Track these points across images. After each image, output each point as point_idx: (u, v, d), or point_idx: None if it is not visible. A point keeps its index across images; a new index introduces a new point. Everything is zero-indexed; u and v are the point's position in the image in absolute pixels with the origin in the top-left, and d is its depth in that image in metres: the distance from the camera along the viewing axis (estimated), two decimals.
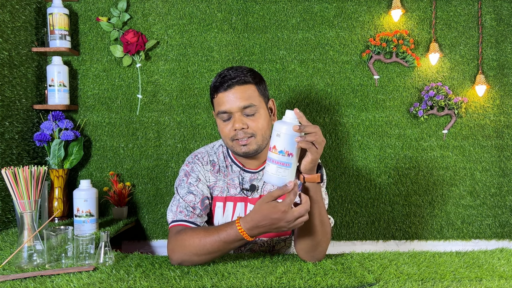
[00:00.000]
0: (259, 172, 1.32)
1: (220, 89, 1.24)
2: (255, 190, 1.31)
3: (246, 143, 1.23)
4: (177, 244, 1.13)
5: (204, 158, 1.33)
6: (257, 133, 1.23)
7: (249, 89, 1.24)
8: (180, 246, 1.12)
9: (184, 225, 1.20)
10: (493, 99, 2.14)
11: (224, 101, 1.23)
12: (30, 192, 1.23)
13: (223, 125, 1.25)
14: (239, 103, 1.22)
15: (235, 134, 1.23)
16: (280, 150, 0.98)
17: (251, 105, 1.22)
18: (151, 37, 2.08)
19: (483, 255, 1.20)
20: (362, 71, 2.12)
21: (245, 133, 1.22)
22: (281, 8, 2.10)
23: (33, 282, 0.98)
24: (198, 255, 1.10)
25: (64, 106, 1.98)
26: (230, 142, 1.25)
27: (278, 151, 0.98)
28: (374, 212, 2.13)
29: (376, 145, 2.13)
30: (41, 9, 2.02)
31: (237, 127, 1.21)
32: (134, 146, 2.10)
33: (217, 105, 1.26)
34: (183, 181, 1.29)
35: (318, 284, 0.97)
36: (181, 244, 1.12)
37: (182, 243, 1.12)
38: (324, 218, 1.12)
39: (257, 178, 1.31)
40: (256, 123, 1.23)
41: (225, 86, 1.23)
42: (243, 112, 1.22)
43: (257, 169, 1.32)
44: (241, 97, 1.22)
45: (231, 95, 1.22)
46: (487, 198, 2.15)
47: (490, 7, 2.13)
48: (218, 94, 1.24)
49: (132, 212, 2.11)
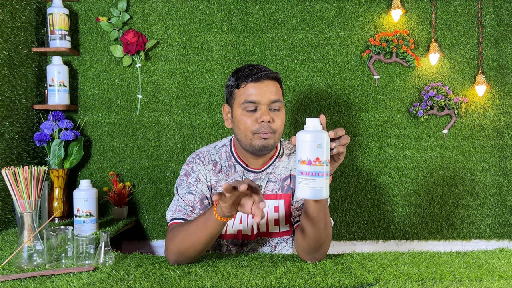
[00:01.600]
0: (262, 172, 1.31)
1: (249, 79, 1.22)
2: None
3: (267, 137, 1.22)
4: (170, 239, 1.13)
5: (205, 158, 1.32)
6: (278, 131, 1.24)
7: (276, 85, 1.25)
8: (171, 240, 1.12)
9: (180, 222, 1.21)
10: (493, 99, 2.14)
11: (254, 92, 1.21)
12: (30, 192, 1.23)
13: (247, 116, 1.22)
14: (270, 96, 1.21)
15: (259, 127, 1.21)
16: (324, 160, 0.91)
17: (279, 100, 1.23)
18: (151, 37, 2.08)
19: (483, 255, 1.20)
20: (362, 71, 2.12)
21: (270, 128, 1.21)
22: (281, 8, 2.10)
23: (33, 282, 0.98)
24: (185, 244, 1.09)
25: (64, 106, 1.98)
26: (250, 134, 1.22)
27: (323, 161, 0.91)
28: (374, 212, 2.13)
29: (376, 145, 2.13)
30: (41, 9, 2.02)
31: (265, 119, 1.20)
32: (134, 146, 2.10)
33: (243, 95, 1.23)
34: (183, 181, 1.29)
35: (318, 284, 0.96)
36: (172, 238, 1.13)
37: (173, 237, 1.13)
38: (328, 220, 1.12)
39: (261, 178, 1.31)
40: (280, 120, 1.23)
41: (257, 76, 1.21)
42: (270, 106, 1.22)
43: (260, 169, 1.31)
44: (272, 91, 1.22)
45: (263, 86, 1.21)
46: (487, 198, 2.15)
47: (490, 7, 2.13)
48: (248, 84, 1.22)
49: (132, 212, 2.11)
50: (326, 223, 1.10)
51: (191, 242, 1.09)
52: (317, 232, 1.09)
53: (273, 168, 1.32)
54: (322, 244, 1.12)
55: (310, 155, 0.91)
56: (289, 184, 1.32)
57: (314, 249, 1.13)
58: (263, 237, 1.33)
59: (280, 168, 1.33)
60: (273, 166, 1.32)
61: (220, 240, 1.32)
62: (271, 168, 1.32)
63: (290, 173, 1.33)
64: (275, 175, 1.32)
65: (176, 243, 1.11)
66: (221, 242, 1.33)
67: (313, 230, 1.10)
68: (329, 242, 1.15)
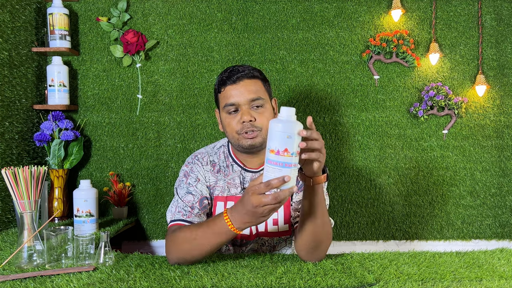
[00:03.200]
0: (259, 172, 1.32)
1: (228, 82, 1.24)
2: None
3: (253, 136, 1.23)
4: (172, 241, 1.13)
5: (204, 159, 1.33)
6: (263, 127, 1.24)
7: (256, 83, 1.25)
8: (174, 243, 1.12)
9: (181, 224, 1.20)
10: (493, 99, 2.14)
11: (232, 94, 1.23)
12: (30, 192, 1.23)
13: (230, 118, 1.25)
14: (248, 95, 1.23)
15: (242, 127, 1.23)
16: (293, 152, 0.90)
17: (259, 98, 1.23)
18: (151, 37, 2.08)
19: (483, 255, 1.20)
20: (362, 71, 2.12)
21: (253, 126, 1.22)
22: (281, 8, 2.10)
23: (33, 282, 0.98)
24: (190, 250, 1.10)
25: (64, 106, 1.98)
26: (236, 135, 1.24)
27: (291, 153, 0.90)
28: (374, 212, 2.13)
29: (376, 145, 2.13)
30: (41, 9, 2.02)
31: (245, 119, 1.21)
32: (134, 146, 2.10)
33: (224, 98, 1.25)
34: (182, 182, 1.29)
35: (318, 284, 0.97)
36: (175, 240, 1.12)
37: (176, 239, 1.12)
38: (326, 218, 1.12)
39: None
40: (263, 117, 1.24)
41: (234, 78, 1.23)
42: (250, 105, 1.23)
43: (258, 168, 1.32)
44: (250, 90, 1.23)
45: (240, 88, 1.23)
46: (487, 198, 2.15)
47: (490, 7, 2.13)
48: (226, 87, 1.24)
49: (132, 212, 2.11)
50: (324, 221, 1.10)
51: (200, 253, 1.09)
52: (314, 229, 1.10)
53: None
54: (320, 242, 1.12)
55: (279, 145, 0.89)
56: None
57: (313, 248, 1.13)
58: (262, 237, 1.33)
59: None
60: None
61: None
62: None
63: None
64: None
65: (181, 249, 1.11)
66: None
67: (311, 227, 1.10)
68: (329, 242, 1.15)
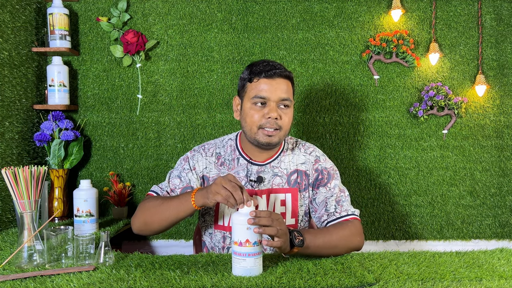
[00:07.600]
0: (266, 165, 1.34)
1: (262, 75, 1.25)
2: (262, 182, 1.33)
3: (272, 134, 1.26)
4: (141, 206, 1.28)
5: (210, 150, 1.37)
6: (284, 128, 1.27)
7: (288, 84, 1.29)
8: (142, 207, 1.25)
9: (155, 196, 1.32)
10: (493, 99, 2.14)
11: (265, 88, 1.25)
12: (30, 192, 1.23)
13: (255, 110, 1.26)
14: (280, 94, 1.25)
15: (265, 123, 1.25)
16: (254, 241, 1.00)
17: (288, 98, 1.27)
18: (151, 37, 2.08)
19: (483, 255, 1.19)
20: (362, 71, 2.12)
21: (276, 124, 1.25)
22: (281, 8, 2.10)
23: (33, 282, 0.98)
24: (154, 214, 1.22)
25: (64, 106, 1.98)
26: (255, 129, 1.26)
27: (252, 243, 1.00)
28: (374, 212, 2.13)
29: (376, 145, 2.13)
30: (41, 9, 2.02)
31: (272, 116, 1.24)
32: (134, 146, 2.10)
33: (254, 89, 1.26)
34: (180, 165, 1.37)
35: (318, 284, 0.97)
36: (144, 205, 1.25)
37: (145, 205, 1.25)
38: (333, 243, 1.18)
39: (264, 171, 1.34)
40: (287, 118, 1.28)
41: (270, 73, 1.25)
42: (279, 103, 1.26)
43: (264, 162, 1.35)
44: (282, 89, 1.26)
45: (274, 84, 1.25)
46: (487, 198, 2.15)
47: (490, 7, 2.13)
48: (260, 79, 1.26)
49: (132, 212, 2.10)
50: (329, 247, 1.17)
51: (159, 218, 1.21)
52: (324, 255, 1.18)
53: (279, 162, 1.36)
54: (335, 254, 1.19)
55: (241, 237, 1.00)
56: (296, 178, 1.35)
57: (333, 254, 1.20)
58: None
59: (285, 163, 1.36)
60: (278, 160, 1.36)
61: (224, 232, 1.34)
62: (276, 162, 1.35)
63: (296, 168, 1.36)
64: (280, 169, 1.35)
65: (146, 214, 1.23)
66: (225, 234, 1.34)
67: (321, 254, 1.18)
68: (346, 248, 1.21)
